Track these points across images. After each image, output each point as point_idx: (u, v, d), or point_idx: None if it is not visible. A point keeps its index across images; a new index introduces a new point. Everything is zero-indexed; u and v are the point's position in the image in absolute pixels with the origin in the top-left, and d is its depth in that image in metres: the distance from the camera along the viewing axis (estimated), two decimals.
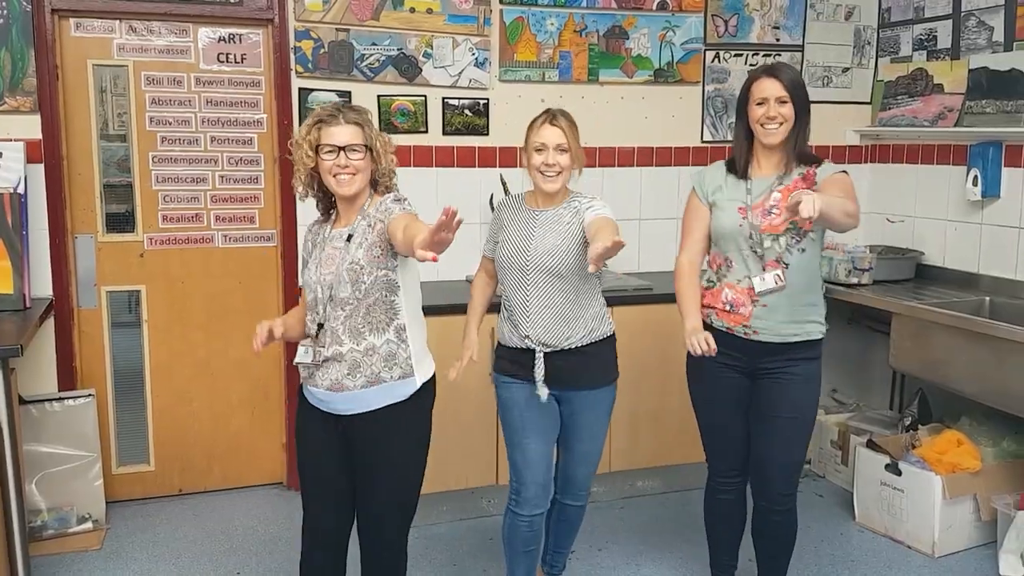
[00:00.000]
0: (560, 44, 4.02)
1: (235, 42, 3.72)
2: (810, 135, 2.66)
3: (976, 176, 3.81)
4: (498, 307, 2.84)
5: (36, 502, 3.45)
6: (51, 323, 3.56)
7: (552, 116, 2.63)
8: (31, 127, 3.44)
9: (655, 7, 4.12)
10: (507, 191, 3.76)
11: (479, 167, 3.97)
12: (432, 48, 3.85)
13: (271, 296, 3.89)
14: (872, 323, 4.17)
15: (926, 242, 4.18)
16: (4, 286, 3.29)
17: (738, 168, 2.70)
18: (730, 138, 2.77)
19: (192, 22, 3.65)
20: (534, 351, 2.65)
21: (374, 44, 3.78)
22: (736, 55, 4.27)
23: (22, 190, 3.34)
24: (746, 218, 2.64)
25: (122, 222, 3.71)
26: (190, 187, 3.75)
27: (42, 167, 3.47)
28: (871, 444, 3.71)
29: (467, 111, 3.93)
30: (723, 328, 2.70)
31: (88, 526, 3.51)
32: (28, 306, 3.32)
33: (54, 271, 3.54)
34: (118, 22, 3.57)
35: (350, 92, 3.75)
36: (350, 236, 2.36)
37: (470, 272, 3.94)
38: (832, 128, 4.45)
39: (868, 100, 4.52)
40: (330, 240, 2.40)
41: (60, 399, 3.54)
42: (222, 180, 3.79)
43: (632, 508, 3.85)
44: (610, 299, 3.80)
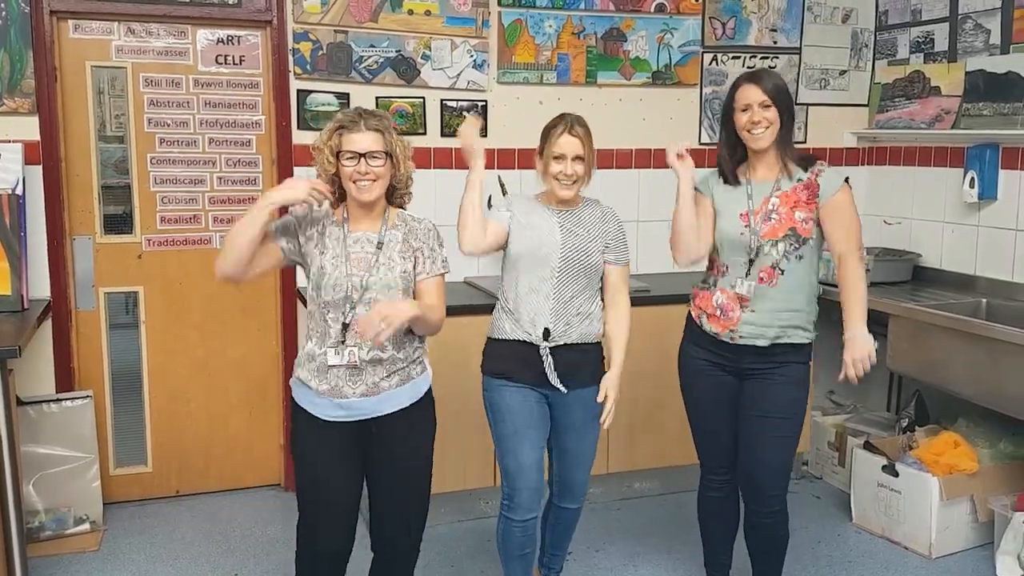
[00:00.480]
0: (558, 46, 4.02)
1: (233, 44, 3.72)
2: (805, 137, 2.69)
3: (973, 178, 3.82)
4: (487, 308, 2.84)
5: (34, 503, 3.45)
6: (49, 324, 3.56)
7: (570, 125, 2.63)
8: (29, 128, 3.44)
9: (653, 9, 4.13)
10: (505, 192, 3.76)
11: None
12: (430, 50, 3.85)
13: (269, 297, 3.89)
14: (869, 325, 4.16)
15: (923, 244, 4.19)
16: (2, 287, 3.29)
17: (726, 175, 2.72)
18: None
19: (190, 24, 3.65)
20: (538, 346, 2.65)
21: (372, 46, 3.79)
22: (734, 57, 4.28)
23: (20, 191, 3.34)
24: (748, 225, 2.66)
25: (120, 223, 3.71)
26: (188, 188, 3.75)
27: (40, 168, 3.47)
28: (868, 445, 3.71)
29: (465, 113, 3.93)
30: (711, 332, 2.73)
31: (86, 527, 3.51)
32: (26, 307, 3.32)
33: (52, 272, 3.54)
34: (116, 24, 3.57)
35: (348, 94, 3.76)
36: (380, 243, 2.37)
37: (468, 274, 3.96)
38: (829, 130, 4.46)
39: (865, 102, 4.53)
40: (355, 241, 2.39)
41: (58, 400, 3.54)
42: (220, 181, 3.79)
43: (629, 509, 3.85)
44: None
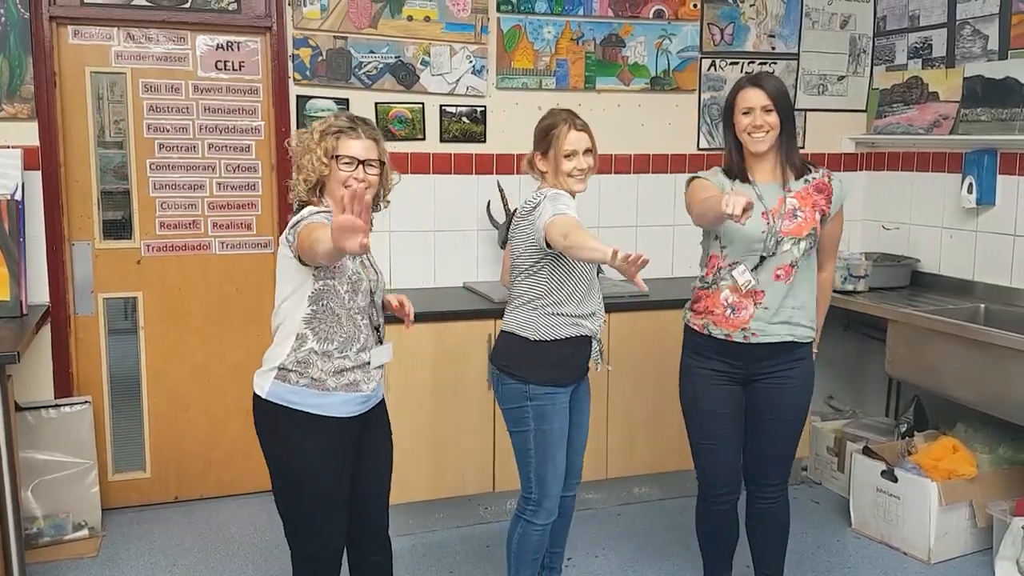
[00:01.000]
0: (557, 52, 4.03)
1: (233, 50, 3.73)
2: (803, 142, 2.70)
3: (971, 184, 3.83)
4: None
5: (32, 509, 3.44)
6: (48, 330, 3.55)
7: (573, 120, 2.67)
8: (28, 134, 3.44)
9: (651, 15, 4.14)
10: (504, 198, 3.76)
11: (476, 174, 3.97)
12: (430, 56, 3.86)
13: (268, 303, 3.87)
14: (868, 330, 4.18)
15: (921, 249, 4.19)
16: (1, 293, 3.28)
17: (738, 174, 2.73)
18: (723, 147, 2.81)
19: (190, 30, 3.66)
20: (591, 338, 2.75)
21: (372, 52, 3.79)
22: (732, 63, 4.28)
23: (19, 197, 3.35)
24: (768, 223, 2.65)
25: (119, 229, 3.71)
26: (187, 194, 3.75)
27: (39, 174, 3.47)
28: (867, 451, 3.71)
29: (464, 118, 3.94)
30: (722, 336, 2.70)
31: (84, 533, 3.50)
32: (25, 313, 3.32)
33: (51, 278, 3.54)
34: (116, 29, 3.58)
35: (348, 100, 3.76)
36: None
37: (467, 278, 3.96)
38: (828, 136, 4.47)
39: (864, 108, 4.54)
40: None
41: (56, 406, 3.53)
42: (219, 187, 3.79)
43: (629, 515, 3.85)
44: (607, 306, 3.82)
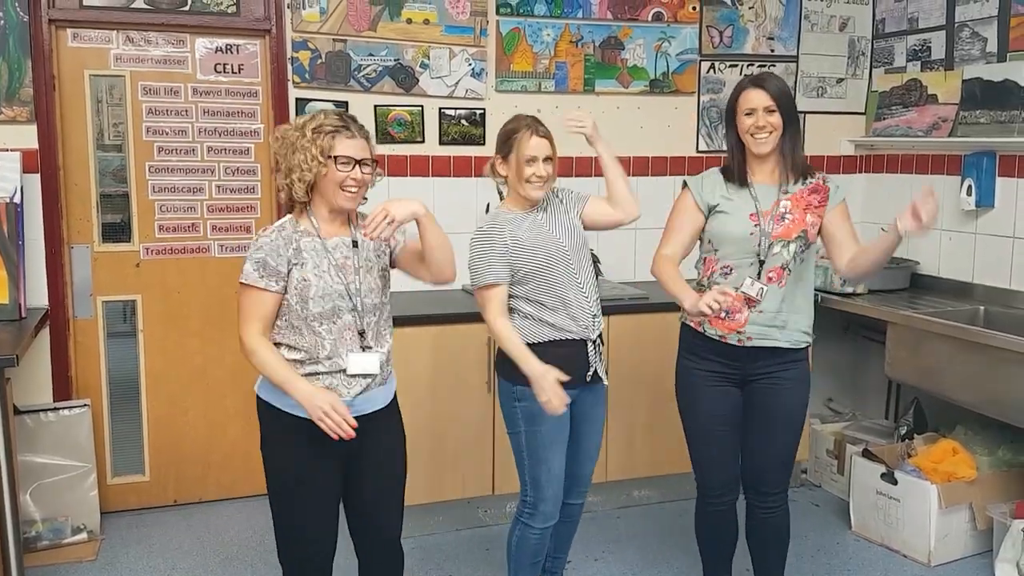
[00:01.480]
0: (556, 54, 4.03)
1: (232, 52, 3.73)
2: (803, 145, 2.68)
3: (970, 186, 3.83)
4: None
5: (31, 513, 3.44)
6: (46, 333, 3.55)
7: (536, 126, 2.66)
8: (27, 137, 3.44)
9: (650, 18, 4.14)
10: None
11: (475, 176, 3.97)
12: (429, 58, 3.86)
13: None
14: (867, 332, 4.18)
15: (921, 252, 4.19)
16: (0, 296, 3.28)
17: (736, 177, 2.71)
18: (725, 148, 2.80)
19: (189, 33, 3.66)
20: (584, 342, 2.69)
21: (371, 55, 3.79)
22: (731, 66, 4.29)
23: (18, 200, 3.35)
24: (758, 225, 2.64)
25: (118, 232, 3.71)
26: (187, 197, 3.75)
27: (38, 177, 3.47)
28: (867, 453, 3.71)
29: (463, 121, 3.94)
30: (716, 336, 2.70)
31: (83, 537, 3.50)
32: (24, 316, 3.32)
33: (50, 281, 3.54)
34: (115, 32, 3.58)
35: (347, 102, 3.76)
36: (355, 242, 2.37)
37: (466, 281, 3.94)
38: (827, 138, 4.47)
39: (862, 110, 4.54)
40: (334, 248, 2.35)
41: (55, 409, 3.53)
42: (219, 190, 3.79)
43: (628, 518, 3.84)
44: (606, 308, 3.80)
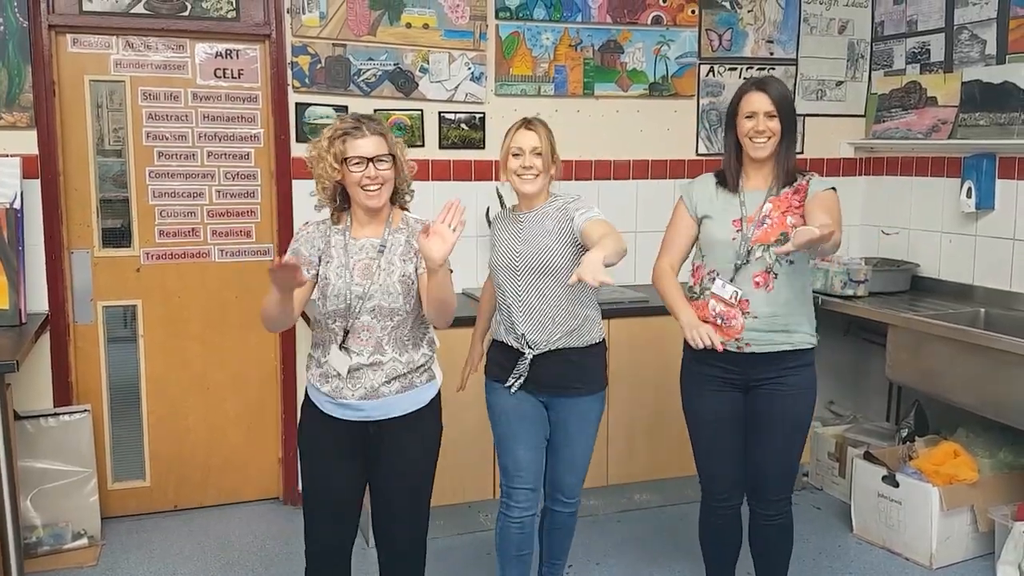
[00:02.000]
0: (555, 58, 4.04)
1: (232, 57, 3.73)
2: (802, 147, 2.64)
3: (970, 188, 3.83)
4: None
5: (31, 518, 3.43)
6: (47, 338, 3.55)
7: (527, 121, 2.72)
8: (27, 142, 3.44)
9: (650, 22, 4.15)
10: (503, 204, 3.76)
11: (475, 180, 3.98)
12: (428, 63, 3.86)
13: None
14: (868, 335, 4.18)
15: (921, 254, 4.19)
16: (0, 301, 3.28)
17: (730, 182, 2.71)
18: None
19: (189, 38, 3.66)
20: (521, 352, 2.71)
21: (371, 59, 3.80)
22: (730, 69, 4.29)
23: (18, 205, 3.34)
24: (740, 230, 2.65)
25: (118, 237, 3.71)
26: (187, 202, 3.75)
27: (38, 182, 3.47)
28: (868, 456, 3.70)
29: (463, 125, 3.95)
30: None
31: (83, 542, 3.49)
32: (24, 321, 3.32)
33: (50, 286, 3.54)
34: (115, 38, 3.58)
35: (347, 107, 3.76)
36: (382, 248, 2.37)
37: (467, 286, 3.96)
38: (826, 141, 4.47)
39: (862, 113, 4.54)
40: (356, 249, 2.38)
41: (55, 415, 3.52)
42: (219, 195, 3.79)
43: (629, 522, 3.84)
44: (606, 311, 3.79)
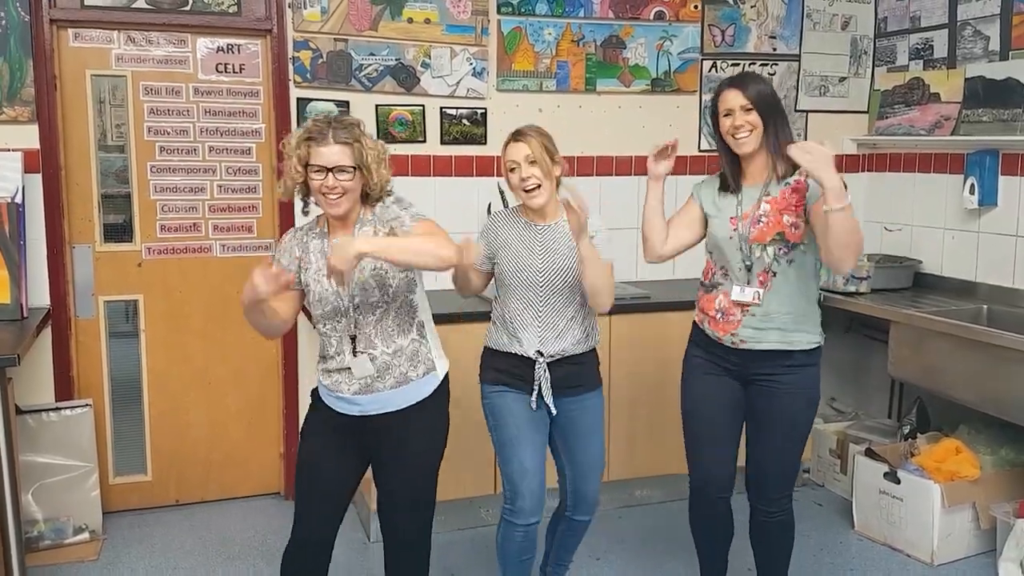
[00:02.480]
0: (557, 54, 4.03)
1: (234, 52, 3.73)
2: (798, 141, 2.61)
3: (973, 184, 3.82)
4: (483, 316, 2.80)
5: (32, 512, 3.44)
6: (48, 333, 3.55)
7: (517, 132, 2.62)
8: (29, 137, 3.44)
9: (652, 17, 4.14)
10: (504, 200, 3.76)
11: (477, 176, 3.97)
12: (430, 58, 3.86)
13: None
14: (870, 331, 4.17)
15: (924, 251, 4.18)
16: (1, 296, 3.28)
17: (729, 182, 2.71)
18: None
19: (191, 33, 3.65)
20: (535, 361, 2.65)
21: (372, 54, 3.79)
22: (733, 64, 4.28)
23: (20, 200, 3.34)
24: (736, 229, 2.65)
25: (120, 232, 3.70)
26: (188, 197, 3.75)
27: (40, 177, 3.47)
28: (870, 452, 3.70)
29: (465, 120, 3.94)
30: (713, 337, 2.72)
31: (85, 536, 3.50)
32: (25, 316, 3.32)
33: (51, 281, 3.54)
34: (116, 32, 3.58)
35: (348, 102, 3.76)
36: None
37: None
38: (829, 137, 4.44)
39: (865, 109, 4.53)
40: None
41: (57, 409, 3.53)
42: (220, 190, 3.79)
43: (631, 517, 3.84)
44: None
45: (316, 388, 2.54)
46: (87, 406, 3.58)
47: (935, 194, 4.12)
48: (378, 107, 3.81)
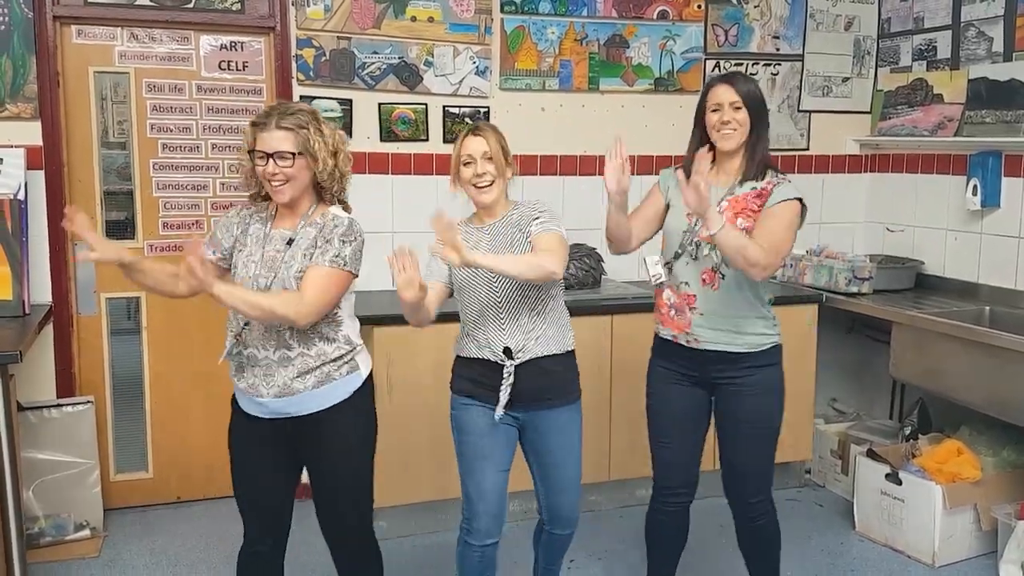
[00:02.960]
0: (561, 53, 4.03)
1: (237, 50, 3.73)
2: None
3: (976, 186, 3.82)
4: (453, 317, 2.70)
5: (34, 509, 3.44)
6: (50, 330, 3.55)
7: (475, 127, 2.58)
8: (32, 134, 3.44)
9: (656, 16, 4.14)
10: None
11: None
12: (433, 56, 3.86)
13: None
14: (872, 332, 4.17)
15: (926, 252, 4.18)
16: (3, 292, 3.28)
17: (687, 175, 2.67)
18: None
19: (194, 30, 3.65)
20: (501, 365, 2.53)
21: (375, 52, 3.79)
22: (736, 64, 4.27)
23: (22, 196, 3.34)
24: (690, 223, 2.64)
25: (122, 229, 3.71)
26: (191, 194, 3.75)
27: (42, 174, 3.47)
28: (871, 453, 3.70)
29: (468, 119, 3.93)
30: (669, 336, 2.70)
31: (86, 533, 3.50)
32: (27, 312, 3.32)
33: (54, 278, 3.54)
34: (120, 29, 3.58)
35: (351, 100, 3.76)
36: (291, 240, 2.33)
37: None
38: (832, 137, 4.46)
39: (868, 109, 4.53)
40: (270, 240, 2.36)
41: (58, 406, 3.53)
42: (223, 187, 3.79)
43: (631, 517, 3.83)
44: (609, 307, 3.80)
45: (233, 395, 2.51)
46: (88, 403, 3.58)
47: (937, 195, 4.12)
48: (381, 105, 3.81)
